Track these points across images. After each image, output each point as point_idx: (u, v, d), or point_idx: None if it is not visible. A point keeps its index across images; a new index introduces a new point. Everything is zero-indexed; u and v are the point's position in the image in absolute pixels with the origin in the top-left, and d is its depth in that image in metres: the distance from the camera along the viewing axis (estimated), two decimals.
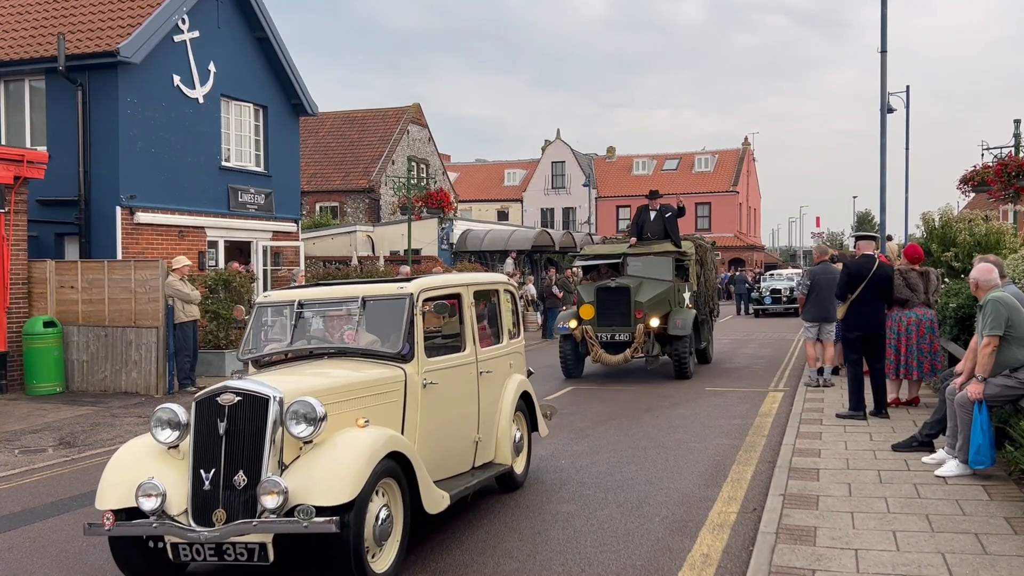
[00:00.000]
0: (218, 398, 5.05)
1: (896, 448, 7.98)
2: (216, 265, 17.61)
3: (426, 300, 6.22)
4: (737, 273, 41.92)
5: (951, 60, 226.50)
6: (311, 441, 5.00)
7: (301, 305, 6.44)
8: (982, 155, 16.65)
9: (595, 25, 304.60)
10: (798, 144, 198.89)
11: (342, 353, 6.20)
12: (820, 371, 12.42)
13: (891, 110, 19.98)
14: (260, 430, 4.94)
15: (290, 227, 20.28)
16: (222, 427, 4.97)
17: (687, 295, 14.95)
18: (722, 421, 10.49)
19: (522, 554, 5.75)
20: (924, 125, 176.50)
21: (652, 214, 15.55)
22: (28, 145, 15.69)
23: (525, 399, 7.64)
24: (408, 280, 6.44)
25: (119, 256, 15.28)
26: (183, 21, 16.72)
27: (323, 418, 4.96)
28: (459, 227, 32.02)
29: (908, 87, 27.04)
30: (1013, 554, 5.15)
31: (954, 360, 9.23)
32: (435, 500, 5.63)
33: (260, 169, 19.39)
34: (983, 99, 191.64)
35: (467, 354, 6.71)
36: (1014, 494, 6.39)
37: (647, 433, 9.83)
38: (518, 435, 7.41)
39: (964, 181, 15.78)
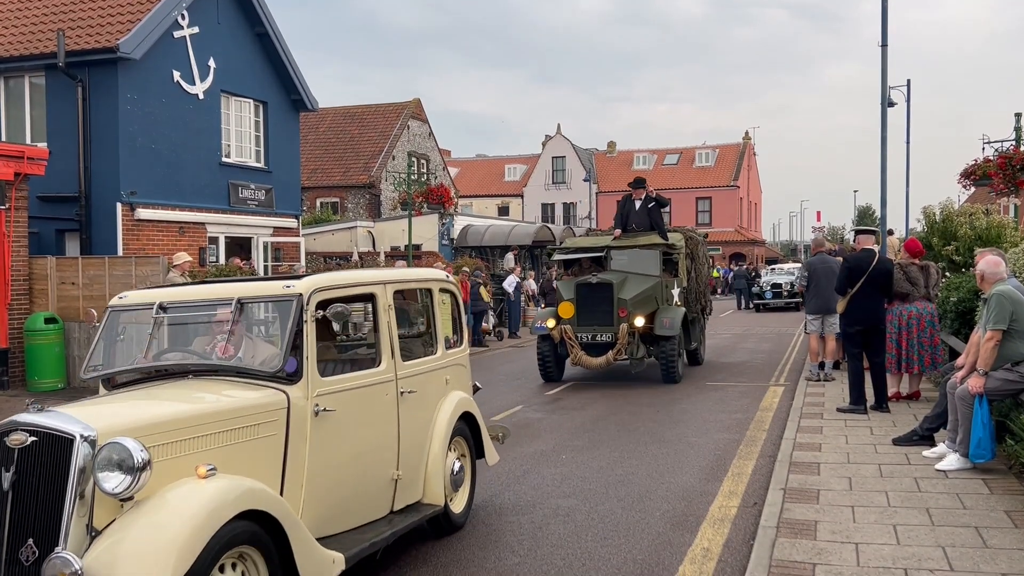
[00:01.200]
0: (5, 439, 3.80)
1: (897, 442, 7.99)
2: (217, 261, 17.60)
3: (322, 303, 4.98)
4: (738, 268, 41.89)
5: (952, 54, 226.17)
6: (131, 498, 3.72)
7: (163, 308, 5.12)
8: (983, 149, 16.65)
9: (594, 20, 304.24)
10: (799, 138, 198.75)
11: (215, 371, 4.88)
12: (821, 365, 12.44)
13: (892, 104, 19.93)
14: (61, 482, 3.69)
15: (291, 223, 20.28)
16: (7, 479, 3.74)
17: (676, 291, 13.89)
18: (723, 416, 10.49)
19: (523, 548, 5.77)
20: (925, 119, 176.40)
21: (637, 204, 14.46)
22: (28, 141, 15.68)
23: (468, 421, 6.45)
24: (299, 277, 5.19)
25: (120, 252, 15.28)
26: (183, 17, 16.70)
27: (144, 466, 3.68)
28: (460, 222, 32.00)
29: (909, 81, 26.95)
30: (1013, 547, 5.16)
31: (955, 354, 9.23)
32: (320, 568, 4.37)
33: (260, 165, 19.38)
34: (984, 93, 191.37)
35: (382, 370, 5.44)
36: (1014, 488, 6.39)
37: (647, 428, 9.84)
38: (456, 466, 6.20)
39: (965, 175, 15.78)
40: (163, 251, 15.71)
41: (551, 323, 13.17)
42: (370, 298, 5.61)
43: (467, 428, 6.44)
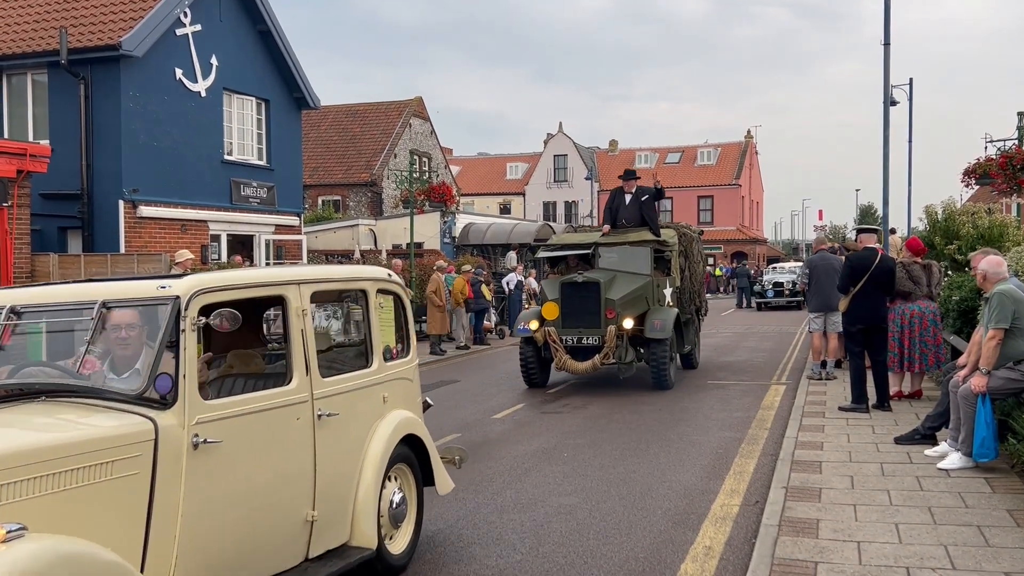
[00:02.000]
0: None
1: (899, 441, 7.98)
2: (219, 259, 17.62)
3: (208, 307, 4.08)
4: (739, 265, 41.89)
5: (953, 51, 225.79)
6: None
7: (15, 313, 4.27)
8: (985, 148, 16.65)
9: (595, 17, 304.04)
10: (800, 136, 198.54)
11: (72, 392, 3.98)
12: (823, 364, 12.44)
13: (894, 103, 19.92)
14: None
15: (292, 221, 20.29)
16: None
17: (668, 291, 13.13)
18: (724, 414, 10.49)
19: (525, 546, 5.77)
20: (927, 117, 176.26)
21: (627, 197, 13.59)
22: (30, 139, 15.69)
23: (413, 444, 5.58)
24: (178, 277, 4.28)
25: (122, 250, 15.30)
26: (185, 14, 16.70)
27: None
28: (461, 220, 32.01)
29: (911, 80, 27.00)
30: (1016, 546, 5.15)
31: (957, 353, 9.22)
32: None
33: (262, 162, 19.39)
34: (986, 90, 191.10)
35: (292, 389, 4.55)
36: (1017, 487, 6.39)
37: (649, 426, 9.84)
38: (397, 498, 5.34)
39: (967, 174, 15.74)
40: (165, 249, 15.72)
41: (534, 325, 12.39)
42: (279, 301, 4.74)
43: (412, 453, 5.57)
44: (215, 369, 5.11)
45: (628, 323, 11.96)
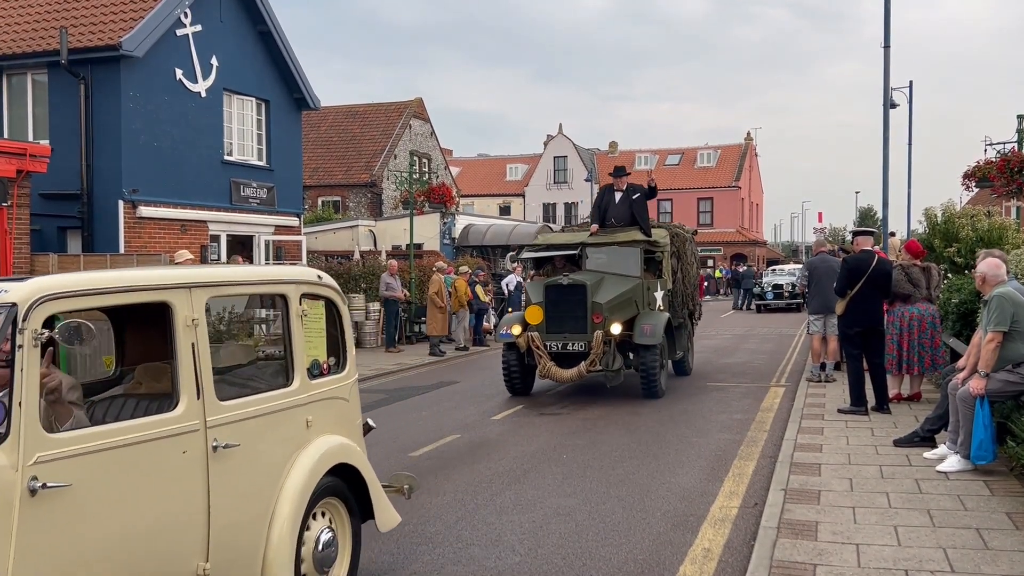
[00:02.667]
0: None
1: (897, 443, 7.99)
2: (218, 259, 17.61)
3: (57, 317, 3.40)
4: (746, 268, 41.94)
5: (953, 52, 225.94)
6: None
7: None
8: (985, 150, 16.65)
9: (595, 17, 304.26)
10: (800, 137, 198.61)
11: None
12: (822, 366, 12.44)
13: (894, 105, 19.92)
14: None
15: (292, 221, 20.28)
16: None
17: (659, 294, 12.51)
18: (723, 416, 10.50)
19: (524, 548, 5.77)
20: (926, 118, 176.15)
21: (617, 195, 12.96)
22: (30, 139, 15.68)
23: (347, 474, 4.85)
24: (21, 280, 3.41)
25: (121, 250, 15.28)
26: (185, 15, 16.70)
27: None
28: (461, 222, 32.00)
29: (911, 82, 26.99)
30: (1014, 549, 5.15)
31: (956, 355, 9.23)
32: None
33: (262, 163, 19.38)
34: (986, 92, 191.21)
35: (177, 416, 3.83)
36: (1016, 489, 6.39)
37: (648, 428, 9.84)
38: (325, 538, 4.60)
39: (967, 176, 15.76)
40: (165, 249, 15.71)
41: (517, 330, 11.71)
42: (162, 309, 3.89)
43: (346, 484, 4.84)
44: (125, 385, 4.52)
45: (616, 328, 11.30)
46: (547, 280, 12.00)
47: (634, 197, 12.82)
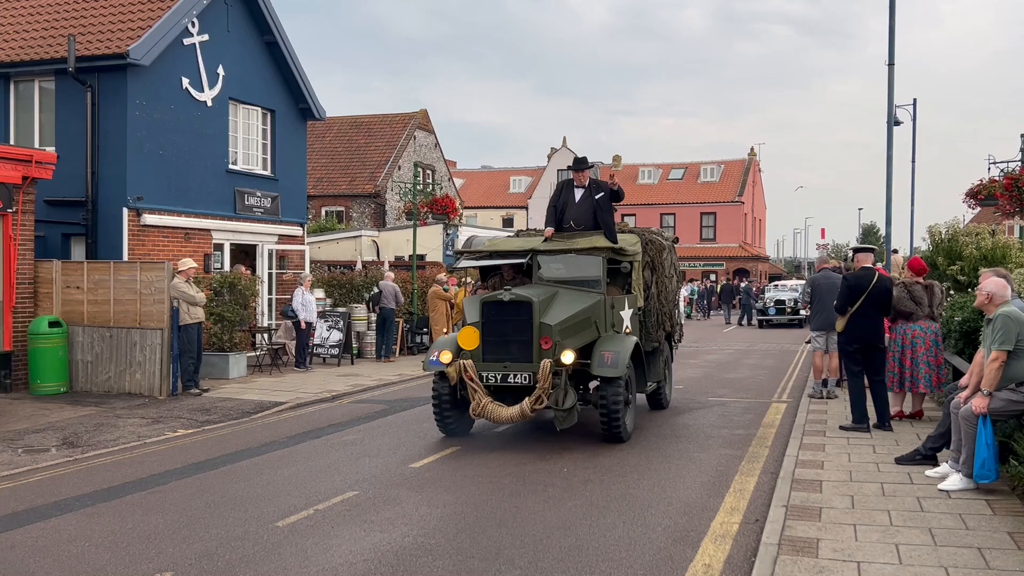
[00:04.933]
0: None
1: (899, 461, 7.97)
2: (221, 268, 17.64)
3: None
4: (743, 283, 41.88)
5: (956, 71, 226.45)
6: None
7: None
8: (988, 169, 16.68)
9: (598, 32, 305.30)
10: (803, 154, 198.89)
11: None
12: (824, 383, 12.43)
13: (898, 123, 19.96)
14: None
15: (296, 231, 20.32)
16: None
17: (627, 313, 10.49)
18: (725, 431, 10.48)
19: (524, 561, 5.75)
20: (929, 136, 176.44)
21: (578, 193, 10.98)
22: (36, 145, 15.75)
23: None
24: None
25: (125, 257, 15.32)
26: (193, 24, 16.79)
27: None
28: (464, 233, 32.01)
29: (915, 100, 27.04)
30: (1016, 569, 5.13)
31: (958, 374, 9.22)
32: None
33: (267, 173, 19.43)
34: (988, 111, 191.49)
35: None
36: (1018, 509, 6.37)
37: (650, 442, 9.82)
38: None
39: (971, 195, 15.78)
40: (168, 257, 15.74)
41: (447, 356, 9.52)
42: None
43: None
44: None
45: (569, 356, 9.16)
46: (484, 296, 9.71)
47: (597, 196, 10.81)
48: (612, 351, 9.51)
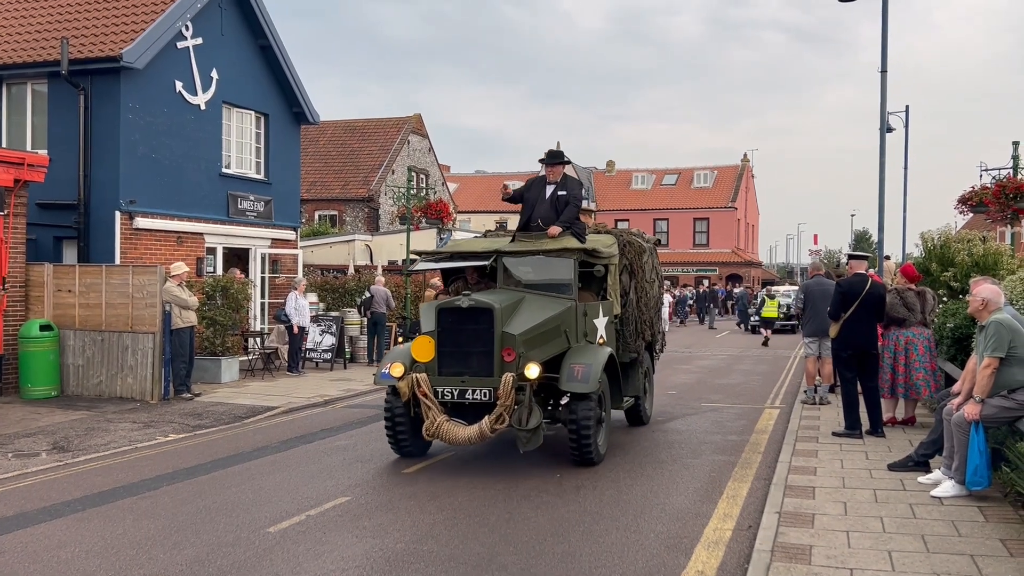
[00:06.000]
0: None
1: (892, 467, 7.98)
2: (214, 271, 17.58)
3: None
4: (737, 289, 41.88)
5: (948, 79, 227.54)
6: None
7: None
8: (980, 176, 16.76)
9: (592, 38, 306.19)
10: (797, 160, 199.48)
11: None
12: (816, 388, 12.45)
13: (890, 130, 20.04)
14: None
15: (289, 235, 20.27)
16: None
17: (601, 322, 9.64)
18: (718, 437, 10.48)
19: (517, 568, 5.73)
20: (921, 142, 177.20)
21: (549, 189, 9.98)
22: (29, 148, 15.69)
23: None
24: None
25: (117, 261, 15.26)
26: (187, 28, 16.75)
27: None
28: (458, 238, 32.03)
29: (907, 107, 27.21)
30: None
31: (951, 380, 9.24)
32: None
33: (260, 176, 19.39)
34: (980, 118, 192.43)
35: None
36: (1010, 516, 6.38)
37: (643, 448, 9.82)
38: None
39: (962, 201, 15.85)
40: (161, 260, 15.69)
41: (398, 369, 8.59)
42: None
43: None
44: None
45: (534, 370, 8.20)
46: (440, 302, 8.75)
47: (560, 195, 9.90)
48: (583, 364, 8.64)
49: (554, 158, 9.98)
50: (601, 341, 9.50)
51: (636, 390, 10.77)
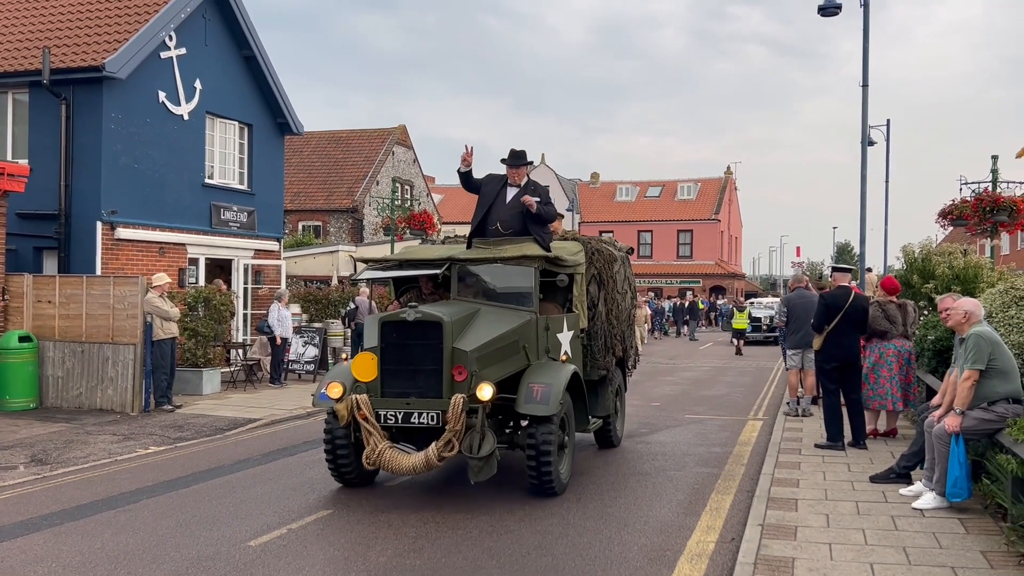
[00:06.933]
0: None
1: (874, 479, 8.02)
2: (196, 282, 17.48)
3: None
4: (720, 301, 42.03)
5: (928, 93, 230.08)
6: None
7: None
8: (960, 189, 16.92)
9: (576, 51, 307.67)
10: (779, 172, 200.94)
11: None
12: (798, 400, 12.50)
13: (872, 143, 20.23)
14: None
15: (272, 245, 20.20)
16: None
17: (566, 336, 8.86)
18: (701, 449, 10.49)
19: None
20: (902, 156, 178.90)
21: (510, 192, 9.09)
22: (9, 158, 15.57)
23: None
24: None
25: (98, 271, 15.14)
26: (170, 38, 16.70)
27: None
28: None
29: (888, 121, 27.46)
30: None
31: (931, 392, 9.30)
32: None
33: (243, 187, 19.32)
34: (960, 132, 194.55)
35: None
36: (990, 528, 6.42)
37: (627, 460, 9.81)
38: None
39: (943, 215, 16.01)
40: (142, 271, 15.59)
41: (337, 390, 7.73)
42: None
43: None
44: None
45: (487, 390, 7.31)
46: (383, 315, 7.85)
47: (523, 199, 8.94)
48: (543, 383, 7.83)
49: (517, 159, 9.12)
50: (565, 358, 8.65)
51: (606, 410, 9.95)
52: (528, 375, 7.97)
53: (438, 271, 8.74)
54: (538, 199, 8.92)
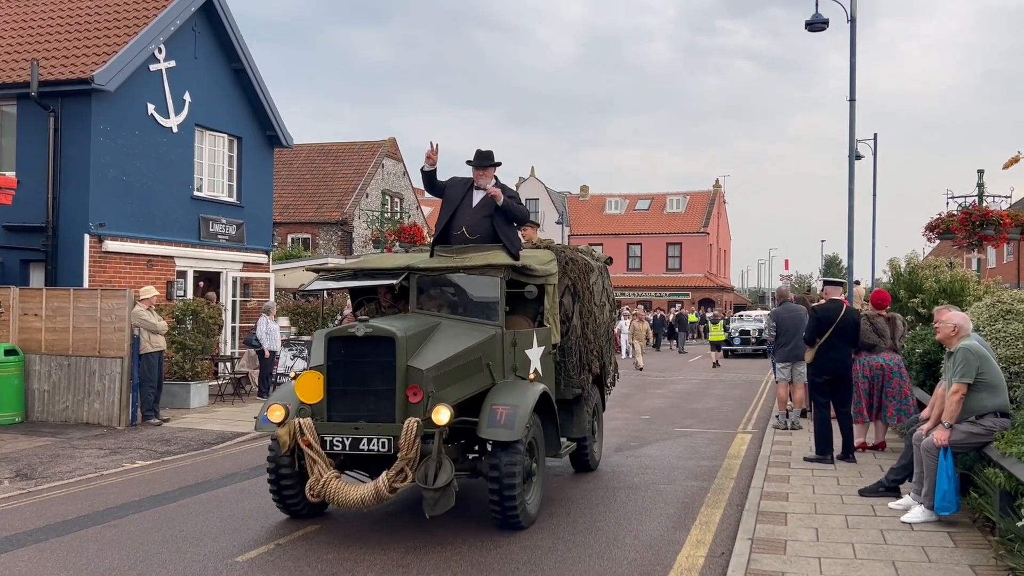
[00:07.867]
0: None
1: (863, 493, 8.02)
2: (184, 295, 17.40)
3: None
4: (709, 313, 42.09)
5: (915, 107, 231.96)
6: None
7: None
8: (947, 203, 17.05)
9: (565, 65, 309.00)
10: (767, 186, 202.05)
11: None
12: (787, 413, 12.52)
13: (859, 157, 20.35)
14: None
15: (261, 258, 20.14)
16: None
17: (535, 353, 8.17)
18: (691, 462, 10.48)
19: None
20: (889, 169, 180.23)
21: (476, 196, 8.41)
22: None
23: None
24: None
25: (86, 284, 15.05)
26: (160, 50, 16.68)
27: None
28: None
29: (876, 135, 27.66)
30: None
31: (920, 406, 9.33)
32: None
33: (232, 199, 19.27)
34: (946, 146, 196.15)
35: None
36: (979, 541, 6.43)
37: (616, 473, 9.79)
38: None
39: (930, 228, 16.10)
40: (130, 284, 15.51)
41: (279, 413, 6.93)
42: None
43: None
44: None
45: (443, 414, 6.57)
46: (330, 330, 7.15)
47: (500, 203, 8.27)
48: (507, 405, 7.10)
49: (484, 159, 8.38)
50: (534, 376, 7.83)
51: (582, 431, 9.22)
52: (492, 396, 7.25)
53: (395, 281, 7.99)
54: (505, 194, 8.30)
